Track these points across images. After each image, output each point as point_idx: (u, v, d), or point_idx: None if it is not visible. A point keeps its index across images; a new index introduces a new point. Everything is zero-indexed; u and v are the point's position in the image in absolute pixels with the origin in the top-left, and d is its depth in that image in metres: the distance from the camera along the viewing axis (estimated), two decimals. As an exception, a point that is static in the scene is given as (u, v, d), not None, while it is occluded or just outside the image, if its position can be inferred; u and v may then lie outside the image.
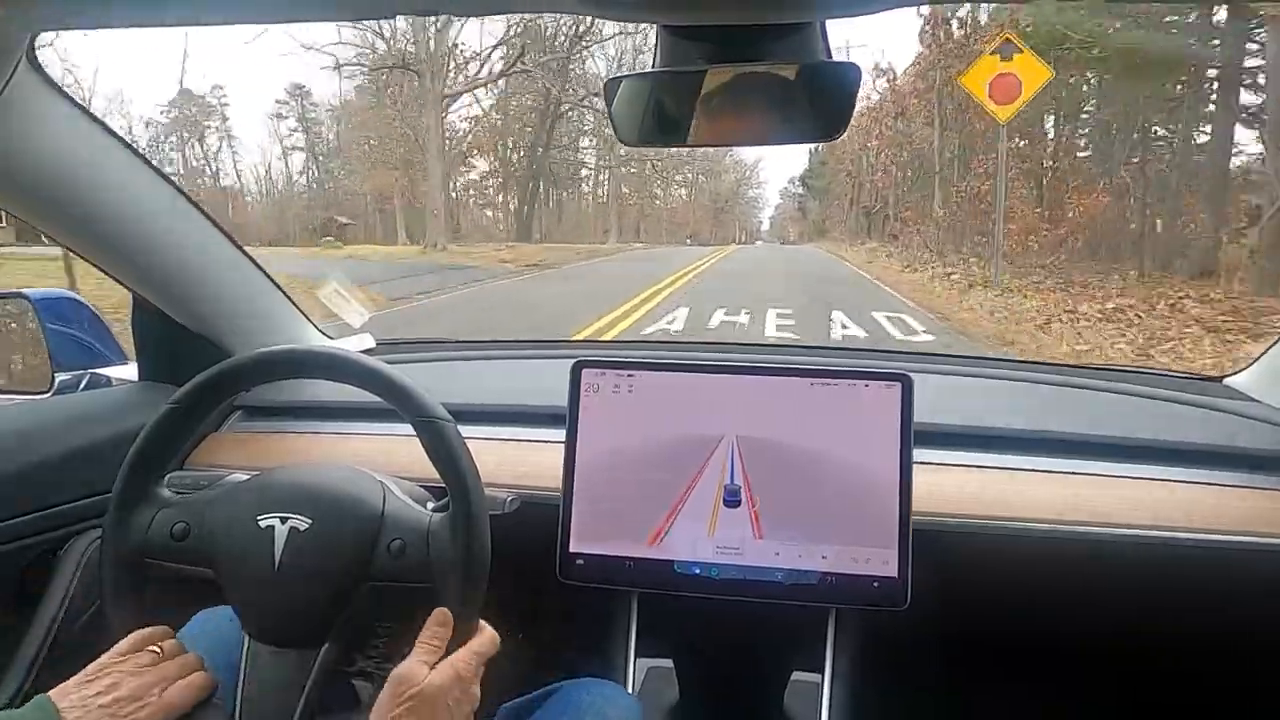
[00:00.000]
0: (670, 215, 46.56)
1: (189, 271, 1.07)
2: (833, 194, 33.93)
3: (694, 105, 0.64)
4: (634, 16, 0.60)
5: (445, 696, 0.63)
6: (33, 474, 0.93)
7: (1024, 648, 1.12)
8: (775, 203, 59.10)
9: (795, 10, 0.57)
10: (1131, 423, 1.03)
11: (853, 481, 0.89)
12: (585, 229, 36.56)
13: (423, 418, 0.71)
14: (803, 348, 1.43)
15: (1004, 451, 0.98)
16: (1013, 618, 1.05)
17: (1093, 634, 1.09)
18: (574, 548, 0.92)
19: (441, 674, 0.64)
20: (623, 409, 0.93)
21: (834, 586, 0.88)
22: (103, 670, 0.63)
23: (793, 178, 56.44)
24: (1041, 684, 1.18)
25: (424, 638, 0.66)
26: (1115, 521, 0.90)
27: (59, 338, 1.09)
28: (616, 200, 38.20)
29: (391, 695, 0.61)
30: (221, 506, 0.72)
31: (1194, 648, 1.05)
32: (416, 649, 0.65)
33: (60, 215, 0.92)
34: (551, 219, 36.37)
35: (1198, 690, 1.15)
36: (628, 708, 0.82)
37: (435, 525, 0.70)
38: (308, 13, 0.74)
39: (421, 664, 0.64)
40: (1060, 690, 1.18)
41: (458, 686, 0.64)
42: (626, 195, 40.33)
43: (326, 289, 1.57)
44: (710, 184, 47.33)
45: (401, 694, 0.61)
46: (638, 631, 1.00)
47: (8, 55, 0.72)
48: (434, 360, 1.36)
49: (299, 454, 1.09)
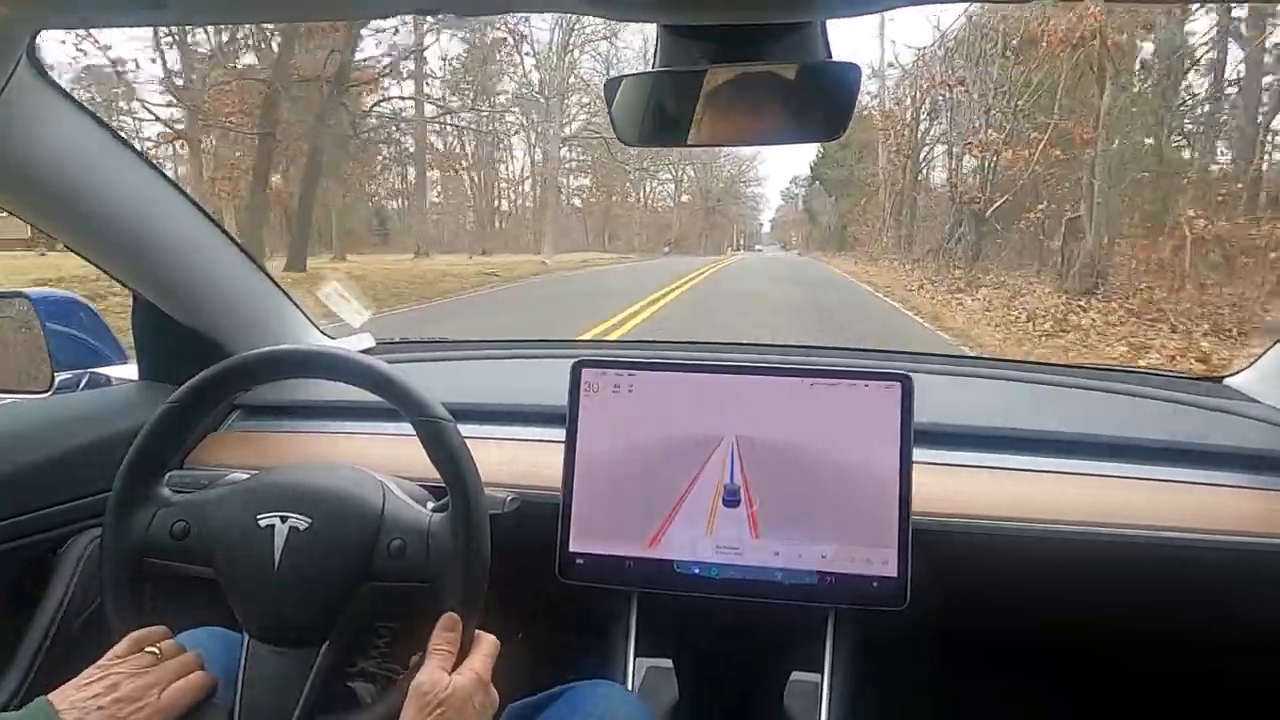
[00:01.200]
0: (651, 218, 39.03)
1: (189, 271, 1.07)
2: (859, 186, 24.44)
3: (694, 105, 0.65)
4: (634, 16, 0.60)
5: (471, 701, 0.63)
6: (32, 474, 0.93)
7: (1023, 647, 1.12)
8: (777, 204, 53.27)
9: (795, 10, 0.57)
10: (1131, 423, 1.03)
11: (852, 481, 0.88)
12: (488, 236, 28.98)
13: (423, 417, 0.72)
14: (803, 348, 1.43)
15: (1004, 451, 0.98)
16: (1012, 617, 1.05)
17: (1091, 634, 1.09)
18: (574, 547, 0.92)
19: (465, 678, 0.64)
20: (623, 409, 0.93)
21: (833, 586, 0.88)
22: (101, 672, 0.63)
23: (795, 177, 50.02)
24: (1041, 683, 1.18)
25: (436, 644, 0.66)
26: (1115, 521, 0.90)
27: (59, 337, 1.08)
28: (557, 198, 29.62)
29: (418, 705, 0.61)
30: (221, 506, 0.72)
31: (1194, 648, 1.05)
32: (431, 656, 0.65)
33: (60, 214, 0.92)
34: (412, 219, 27.52)
35: (1197, 690, 1.15)
36: (635, 711, 0.82)
37: (435, 525, 0.70)
38: (308, 12, 0.75)
39: (441, 670, 0.64)
40: (1059, 690, 1.18)
41: (481, 691, 0.65)
42: (591, 191, 33.43)
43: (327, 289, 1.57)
44: (701, 179, 39.62)
45: (428, 702, 0.61)
46: (637, 631, 1.00)
47: (8, 54, 0.72)
48: (434, 360, 1.36)
49: (299, 454, 1.09)
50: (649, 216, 39.25)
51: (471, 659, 0.67)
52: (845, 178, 26.49)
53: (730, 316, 8.99)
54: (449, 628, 0.67)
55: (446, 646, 0.66)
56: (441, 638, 0.66)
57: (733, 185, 42.73)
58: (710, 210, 41.45)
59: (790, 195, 48.64)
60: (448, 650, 0.66)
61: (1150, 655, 1.11)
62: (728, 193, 42.41)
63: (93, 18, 0.67)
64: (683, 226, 40.40)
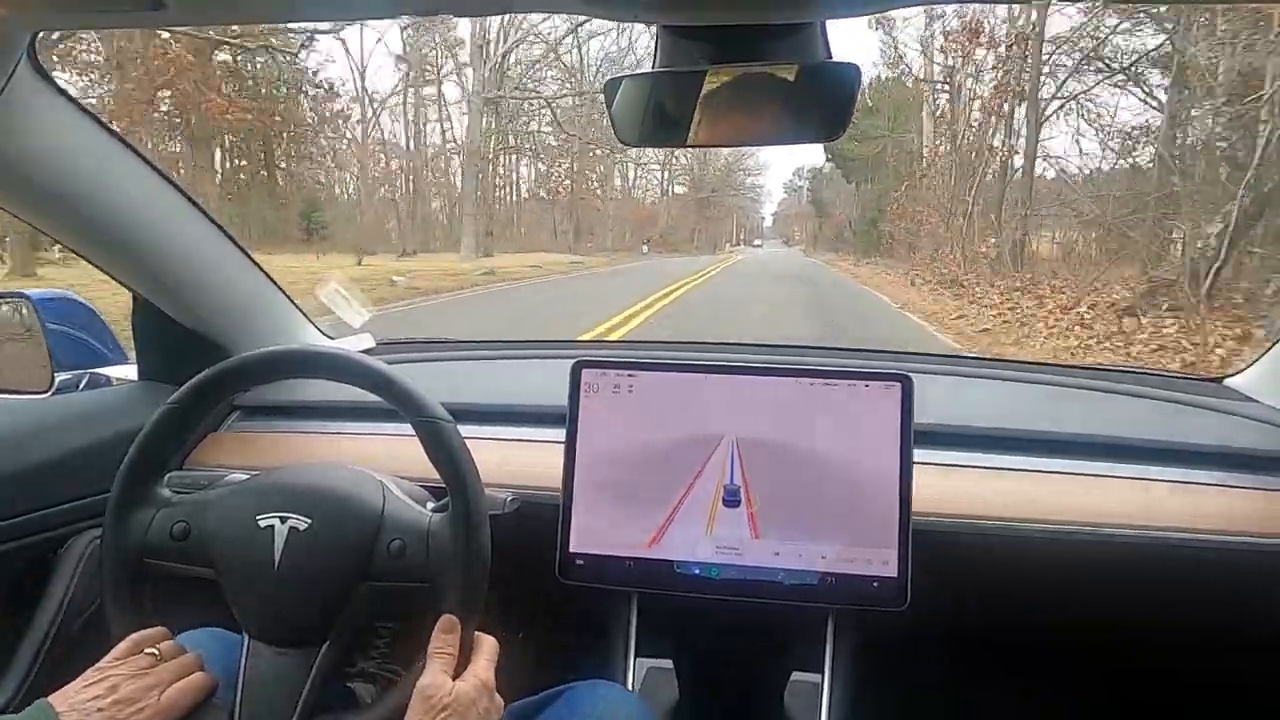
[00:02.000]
0: (633, 211, 31.29)
1: (189, 271, 1.07)
2: (891, 169, 18.00)
3: (694, 105, 0.65)
4: (634, 17, 0.60)
5: (476, 706, 0.63)
6: (32, 474, 0.93)
7: (1023, 647, 1.12)
8: (780, 197, 48.82)
9: (795, 10, 0.57)
10: (1131, 423, 1.03)
11: (852, 482, 0.88)
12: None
13: (423, 418, 0.72)
14: (803, 348, 1.43)
15: (1004, 452, 0.98)
16: (1012, 617, 1.05)
17: (1092, 634, 1.09)
18: (574, 548, 0.92)
19: (469, 684, 0.64)
20: (623, 409, 0.93)
21: (833, 586, 0.88)
22: (100, 674, 0.63)
23: (799, 168, 44.95)
24: (1041, 683, 1.18)
25: (435, 648, 0.66)
26: (1115, 522, 0.90)
27: (59, 337, 1.08)
28: (480, 180, 21.18)
29: (422, 709, 0.61)
30: (221, 506, 0.72)
31: (1193, 648, 1.05)
32: (432, 659, 0.65)
33: (60, 214, 0.92)
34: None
35: (1196, 690, 1.15)
36: (635, 711, 0.82)
37: (435, 525, 0.70)
38: (308, 13, 0.75)
39: (443, 674, 0.64)
40: (1059, 690, 1.18)
41: (485, 695, 0.65)
42: (558, 180, 26.37)
43: (327, 289, 1.57)
44: (695, 167, 32.81)
45: (433, 706, 0.61)
46: (637, 632, 1.00)
47: (8, 55, 0.72)
48: (434, 360, 1.36)
49: (299, 454, 1.09)
50: (630, 209, 31.54)
51: (475, 664, 0.67)
52: (873, 157, 18.57)
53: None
54: (448, 630, 0.67)
55: (447, 650, 0.66)
56: (441, 640, 0.66)
57: (729, 174, 36.28)
58: (704, 203, 35.21)
59: (794, 188, 44.18)
60: (449, 653, 0.66)
61: (1150, 655, 1.11)
62: (724, 183, 36.23)
63: (93, 18, 0.67)
64: (671, 220, 33.88)
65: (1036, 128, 11.90)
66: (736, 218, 42.98)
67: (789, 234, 45.08)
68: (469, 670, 0.66)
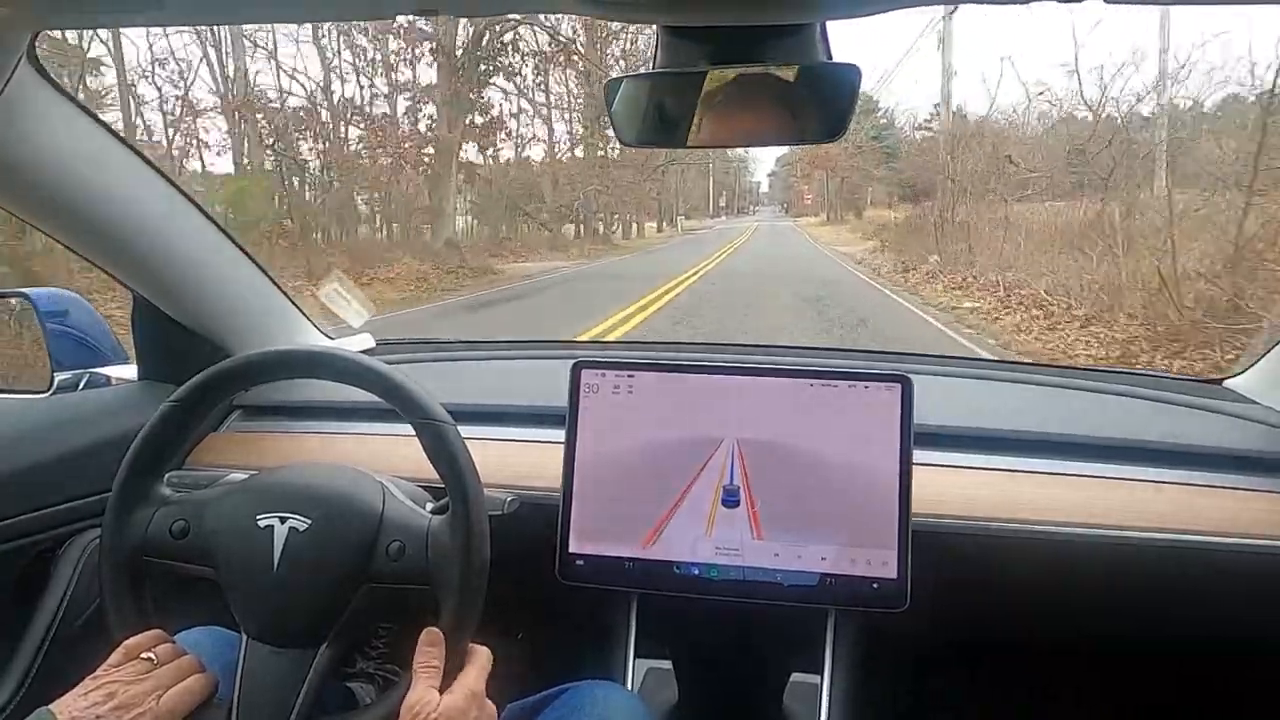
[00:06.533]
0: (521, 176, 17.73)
1: (189, 271, 1.07)
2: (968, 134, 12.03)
3: (694, 106, 0.65)
4: (634, 17, 0.60)
5: (465, 717, 0.63)
6: (32, 473, 0.93)
7: (1023, 648, 1.12)
8: (769, 169, 41.35)
9: (795, 11, 0.57)
10: (1131, 424, 1.03)
11: (852, 483, 0.88)
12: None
13: (423, 419, 0.72)
14: (802, 349, 1.43)
15: (1004, 453, 0.98)
16: (1012, 619, 1.05)
17: (1091, 635, 1.09)
18: (574, 548, 0.92)
19: (458, 694, 0.64)
20: (622, 410, 0.93)
21: (833, 588, 0.88)
22: (97, 683, 0.63)
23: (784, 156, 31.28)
24: (1040, 684, 1.18)
25: (420, 662, 0.65)
26: (1114, 523, 0.89)
27: (59, 337, 1.08)
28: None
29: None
30: (221, 505, 0.72)
31: (1192, 649, 1.05)
32: (417, 674, 0.64)
33: (60, 214, 0.92)
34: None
35: (1195, 691, 1.15)
36: (635, 711, 0.82)
37: (435, 527, 0.70)
38: (308, 13, 0.75)
39: (429, 688, 0.63)
40: (1058, 690, 1.18)
41: (474, 705, 0.64)
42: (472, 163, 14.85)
43: (327, 289, 1.57)
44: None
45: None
46: (637, 632, 1.00)
47: (8, 55, 0.72)
48: (434, 360, 1.36)
49: (299, 454, 1.09)
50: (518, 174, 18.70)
51: (465, 675, 0.66)
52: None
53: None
54: (432, 643, 0.66)
55: (433, 663, 0.65)
56: (425, 654, 0.66)
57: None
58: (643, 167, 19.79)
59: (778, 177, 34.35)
60: (434, 666, 0.65)
61: (1147, 656, 1.11)
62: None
63: (93, 18, 0.67)
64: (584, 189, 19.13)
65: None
66: (714, 176, 28.14)
67: (792, 201, 30.70)
68: (458, 681, 0.65)
